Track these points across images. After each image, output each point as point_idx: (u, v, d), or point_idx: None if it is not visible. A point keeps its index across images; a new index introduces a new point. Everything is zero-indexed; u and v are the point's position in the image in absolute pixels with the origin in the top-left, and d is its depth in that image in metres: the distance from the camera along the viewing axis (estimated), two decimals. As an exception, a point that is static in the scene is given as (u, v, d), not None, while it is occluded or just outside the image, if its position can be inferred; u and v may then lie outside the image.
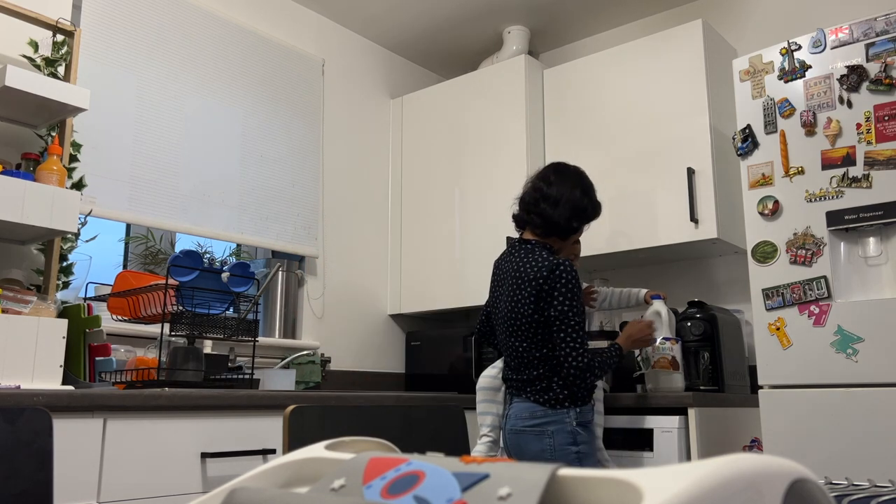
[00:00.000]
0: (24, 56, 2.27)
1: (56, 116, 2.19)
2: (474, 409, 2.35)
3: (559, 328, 2.07)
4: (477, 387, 2.37)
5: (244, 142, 2.96)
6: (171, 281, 2.08)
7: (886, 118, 2.06)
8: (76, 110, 2.14)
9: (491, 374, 2.36)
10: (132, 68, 2.61)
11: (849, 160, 2.11)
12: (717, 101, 2.82)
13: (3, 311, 1.84)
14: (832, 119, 2.16)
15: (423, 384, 3.26)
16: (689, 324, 2.61)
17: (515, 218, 2.28)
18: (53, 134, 2.25)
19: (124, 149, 2.54)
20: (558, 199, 2.19)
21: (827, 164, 2.15)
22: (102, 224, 2.54)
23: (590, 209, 2.22)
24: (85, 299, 2.26)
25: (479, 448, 2.29)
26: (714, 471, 0.30)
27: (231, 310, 2.28)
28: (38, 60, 2.25)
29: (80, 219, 2.23)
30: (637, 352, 2.52)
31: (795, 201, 2.19)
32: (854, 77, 2.12)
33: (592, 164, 3.04)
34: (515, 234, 2.35)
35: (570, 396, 2.11)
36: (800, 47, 2.26)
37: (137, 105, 2.61)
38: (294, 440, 1.13)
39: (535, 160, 3.14)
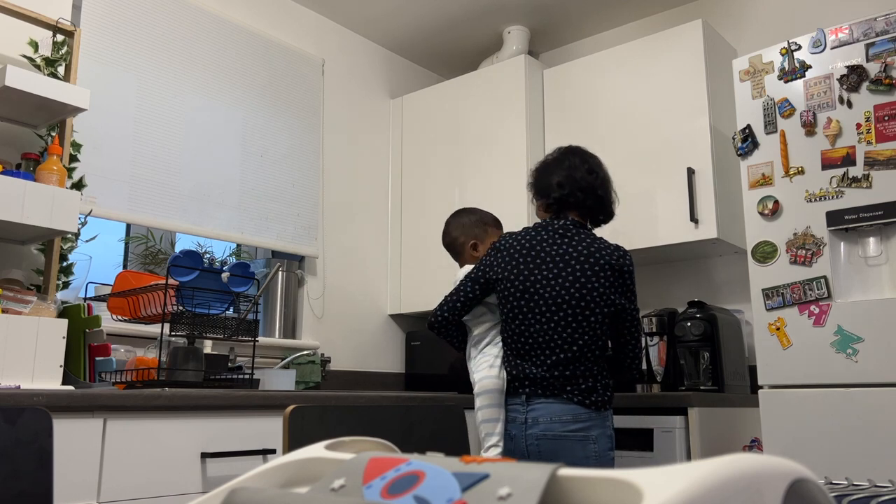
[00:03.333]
0: (24, 56, 2.27)
1: (56, 116, 2.19)
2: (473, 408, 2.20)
3: (632, 324, 2.04)
4: (480, 389, 2.06)
5: (244, 142, 2.96)
6: (171, 281, 2.08)
7: (886, 118, 2.06)
8: (76, 110, 2.14)
9: (494, 374, 2.07)
10: (132, 68, 2.61)
11: (849, 160, 2.11)
12: (717, 101, 2.82)
13: (3, 311, 1.84)
14: (832, 119, 2.16)
15: (423, 384, 3.26)
16: (689, 324, 2.61)
17: (562, 199, 2.10)
18: (53, 134, 2.25)
19: (124, 149, 2.54)
20: (609, 187, 2.17)
21: (827, 164, 2.15)
22: (102, 224, 2.54)
23: None
24: (85, 299, 2.26)
25: None
26: (714, 471, 0.30)
27: (231, 310, 2.28)
28: (38, 60, 2.25)
29: (80, 219, 2.23)
30: None
31: (795, 201, 2.19)
32: (854, 77, 2.12)
33: (592, 164, 3.04)
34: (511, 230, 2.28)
35: (610, 398, 1.99)
36: (800, 47, 2.26)
37: (137, 105, 2.61)
38: (294, 440, 1.13)
39: (535, 160, 3.13)
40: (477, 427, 2.04)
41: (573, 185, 2.09)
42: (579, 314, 1.98)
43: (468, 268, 2.27)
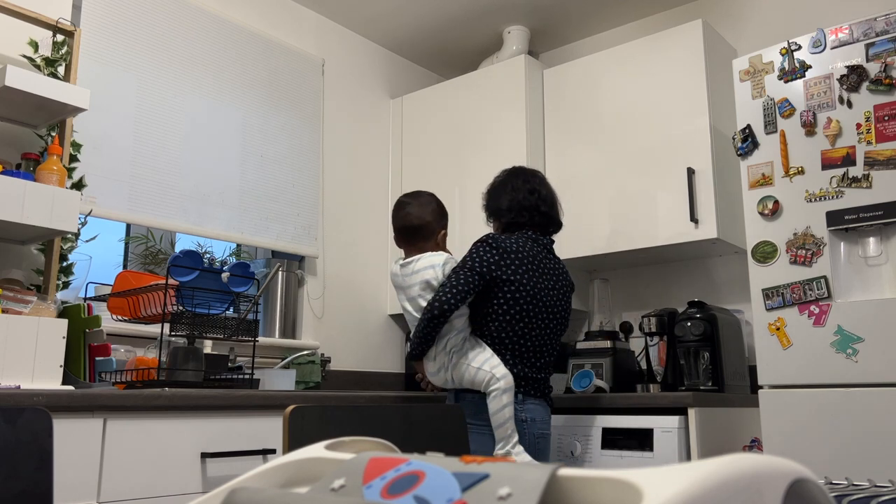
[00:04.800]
0: (24, 56, 2.27)
1: (56, 116, 2.19)
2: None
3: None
4: (507, 385, 2.02)
5: (244, 142, 2.96)
6: (171, 281, 2.08)
7: (886, 118, 2.06)
8: (76, 110, 2.14)
9: (508, 371, 2.06)
10: (132, 68, 2.61)
11: (849, 160, 2.11)
12: (717, 101, 2.82)
13: (3, 311, 1.84)
14: (832, 119, 2.16)
15: (423, 384, 3.26)
16: (689, 324, 2.61)
17: (513, 222, 2.22)
18: (53, 134, 2.25)
19: (124, 149, 2.54)
20: (554, 200, 2.31)
21: (827, 164, 2.15)
22: (102, 224, 2.54)
23: None
24: (85, 299, 2.26)
25: (523, 458, 2.03)
26: (714, 471, 0.30)
27: (231, 310, 2.28)
28: (38, 60, 2.25)
29: (80, 219, 2.23)
30: None
31: (795, 201, 2.19)
32: (854, 77, 2.12)
33: (592, 164, 3.04)
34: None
35: None
36: (800, 47, 2.26)
37: (137, 105, 2.61)
38: (294, 440, 1.13)
39: (535, 160, 3.14)
40: (500, 425, 2.01)
41: (518, 207, 2.24)
42: (563, 323, 2.23)
43: (443, 256, 2.20)
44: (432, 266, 2.16)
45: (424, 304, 2.11)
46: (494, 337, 2.11)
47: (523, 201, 2.22)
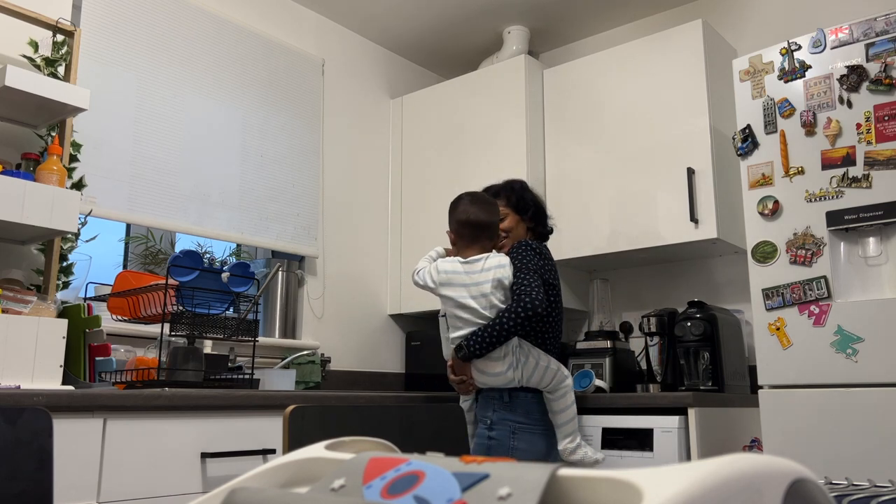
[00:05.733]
0: (24, 56, 2.27)
1: (56, 116, 2.19)
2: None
3: None
4: (571, 382, 2.23)
5: (244, 142, 2.96)
6: (171, 281, 2.08)
7: (886, 118, 2.06)
8: (76, 110, 2.14)
9: None
10: (132, 68, 2.61)
11: (849, 160, 2.11)
12: (717, 101, 2.81)
13: (3, 311, 1.84)
14: (832, 119, 2.16)
15: (423, 384, 3.26)
16: (689, 324, 2.61)
17: (544, 233, 2.46)
18: (53, 134, 2.25)
19: (124, 149, 2.54)
20: None
21: (827, 164, 2.15)
22: (102, 224, 2.54)
23: None
24: (85, 299, 2.26)
25: (598, 455, 2.19)
26: (714, 471, 0.30)
27: (231, 310, 2.28)
28: (38, 60, 2.25)
29: (80, 219, 2.23)
30: None
31: (795, 201, 2.19)
32: (854, 77, 2.12)
33: (592, 164, 3.04)
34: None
35: None
36: (800, 47, 2.26)
37: (137, 105, 2.61)
38: (294, 440, 1.13)
39: (535, 160, 3.14)
40: (569, 420, 2.17)
41: (546, 219, 2.48)
42: None
43: (507, 257, 2.21)
44: (501, 265, 2.18)
45: (497, 301, 2.15)
46: (539, 337, 2.23)
47: (549, 217, 2.48)
